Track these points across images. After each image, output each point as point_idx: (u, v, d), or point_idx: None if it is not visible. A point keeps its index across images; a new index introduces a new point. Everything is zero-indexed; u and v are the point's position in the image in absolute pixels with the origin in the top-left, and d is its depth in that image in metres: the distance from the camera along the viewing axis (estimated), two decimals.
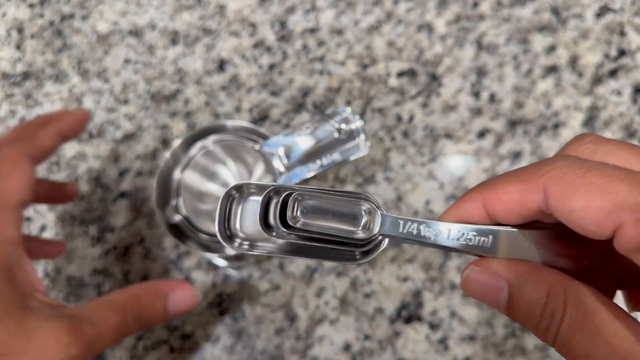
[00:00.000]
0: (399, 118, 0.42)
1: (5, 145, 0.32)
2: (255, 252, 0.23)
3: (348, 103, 0.43)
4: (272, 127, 0.43)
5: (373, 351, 0.39)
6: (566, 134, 0.41)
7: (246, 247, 0.23)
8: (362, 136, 0.36)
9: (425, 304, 0.39)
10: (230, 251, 0.36)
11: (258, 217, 0.22)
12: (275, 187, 0.23)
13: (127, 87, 0.44)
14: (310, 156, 0.36)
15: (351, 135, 0.36)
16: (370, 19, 0.44)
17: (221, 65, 0.44)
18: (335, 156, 0.36)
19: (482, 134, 0.41)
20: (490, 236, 0.23)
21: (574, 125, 0.41)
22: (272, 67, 0.44)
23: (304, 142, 0.36)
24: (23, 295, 0.29)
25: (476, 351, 0.38)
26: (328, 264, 0.40)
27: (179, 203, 0.36)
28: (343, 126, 0.36)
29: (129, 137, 0.44)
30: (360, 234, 0.23)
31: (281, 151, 0.36)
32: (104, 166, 0.43)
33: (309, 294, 0.40)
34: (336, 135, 0.36)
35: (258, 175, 0.37)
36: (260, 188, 0.24)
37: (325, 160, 0.36)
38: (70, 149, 0.44)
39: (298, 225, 0.23)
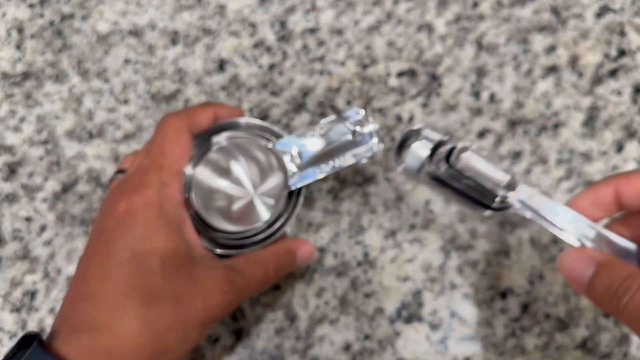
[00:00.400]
0: (399, 118, 0.42)
1: (171, 116, 0.36)
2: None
3: (348, 103, 0.43)
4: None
5: (373, 351, 0.39)
6: (566, 134, 0.41)
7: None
8: (375, 139, 0.36)
9: (425, 304, 0.39)
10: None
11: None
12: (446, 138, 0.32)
13: (127, 87, 0.44)
14: (322, 157, 0.36)
15: (364, 137, 0.36)
16: (370, 19, 0.44)
17: (221, 65, 0.44)
18: (348, 158, 0.36)
19: (482, 134, 0.41)
20: (594, 231, 0.29)
21: (574, 125, 0.41)
22: (272, 67, 0.44)
23: (316, 143, 0.37)
24: (190, 248, 0.33)
25: (476, 351, 0.38)
26: (328, 264, 0.40)
27: (191, 198, 0.36)
28: (357, 128, 0.36)
29: (129, 137, 0.44)
30: (497, 201, 0.30)
31: (295, 151, 0.36)
32: (104, 166, 0.44)
33: (309, 294, 0.40)
34: (349, 137, 0.36)
35: (270, 173, 0.37)
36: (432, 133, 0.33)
37: (338, 161, 0.36)
38: (70, 149, 0.44)
39: (458, 166, 0.30)
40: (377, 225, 0.41)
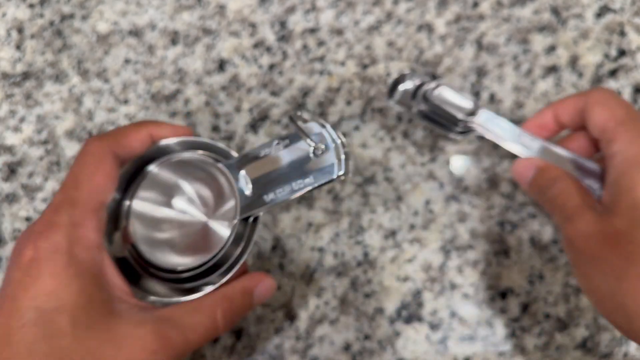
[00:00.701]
0: (399, 118, 0.42)
1: (93, 139, 0.31)
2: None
3: (348, 103, 0.43)
4: (272, 127, 0.43)
5: (373, 351, 0.39)
6: (566, 134, 0.41)
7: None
8: (342, 156, 0.30)
9: (425, 304, 0.39)
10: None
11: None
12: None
13: (127, 87, 0.44)
14: (278, 180, 0.31)
15: (328, 156, 0.30)
16: (370, 19, 0.44)
17: (221, 65, 0.44)
18: (308, 181, 0.31)
19: None
20: (538, 144, 0.35)
21: None
22: (272, 67, 0.44)
23: (271, 162, 0.31)
24: (111, 300, 0.29)
25: (476, 351, 0.38)
26: (328, 264, 0.40)
27: (130, 232, 0.32)
28: (320, 145, 0.30)
29: None
30: (460, 125, 0.37)
31: (247, 171, 0.32)
32: None
33: (309, 294, 0.40)
34: (311, 155, 0.31)
35: (223, 196, 0.32)
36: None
37: (296, 185, 0.31)
38: (70, 149, 0.44)
39: (433, 100, 0.36)
40: (377, 225, 0.41)
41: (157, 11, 0.46)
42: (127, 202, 0.33)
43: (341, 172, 0.30)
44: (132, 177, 0.33)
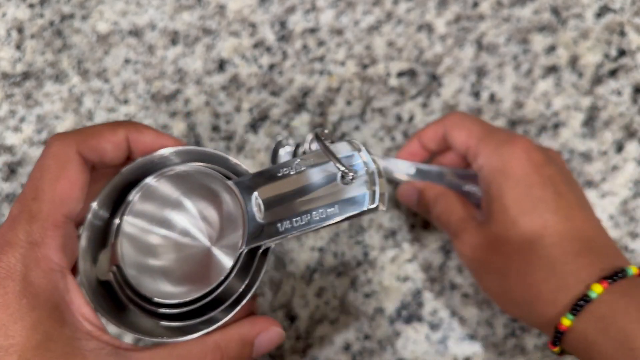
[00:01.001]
0: (399, 118, 0.42)
1: (57, 137, 0.26)
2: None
3: (348, 103, 0.43)
4: (272, 127, 0.43)
5: (373, 351, 0.39)
6: (566, 134, 0.41)
7: None
8: (377, 188, 0.25)
9: (425, 304, 0.39)
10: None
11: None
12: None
13: (127, 87, 0.44)
14: (297, 206, 0.26)
15: (358, 184, 0.25)
16: (370, 19, 0.44)
17: (221, 65, 0.44)
18: (332, 212, 0.25)
19: None
20: (414, 168, 0.38)
21: (574, 125, 0.41)
22: (272, 67, 0.44)
23: (290, 184, 0.27)
24: (74, 337, 0.24)
25: (476, 351, 0.38)
26: (328, 264, 0.40)
27: (117, 253, 0.27)
28: (350, 170, 0.25)
29: None
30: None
31: (260, 193, 0.27)
32: None
33: (309, 294, 0.40)
34: (339, 180, 0.26)
35: (226, 221, 0.27)
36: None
37: (317, 215, 0.26)
38: None
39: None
40: (377, 225, 0.41)
41: (157, 11, 0.46)
42: (116, 219, 0.28)
43: (373, 205, 0.25)
44: (124, 191, 0.29)
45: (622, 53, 0.42)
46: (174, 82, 0.44)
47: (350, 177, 0.25)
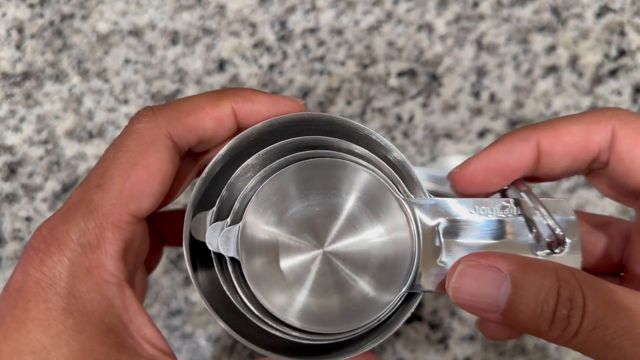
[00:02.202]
0: (399, 118, 0.42)
1: (143, 113, 0.21)
2: None
3: (348, 103, 0.43)
4: None
5: (373, 351, 0.39)
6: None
7: None
8: (578, 252, 0.21)
9: (425, 304, 0.39)
10: None
11: None
12: None
13: (127, 87, 0.44)
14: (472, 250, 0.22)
15: (555, 243, 0.21)
16: (370, 19, 0.44)
17: (221, 65, 0.44)
18: None
19: (482, 134, 0.41)
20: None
21: None
22: (272, 67, 0.44)
23: (481, 227, 0.21)
24: None
25: (476, 351, 0.38)
26: None
27: (241, 259, 0.21)
28: (547, 234, 0.21)
29: None
30: None
31: (444, 222, 0.22)
32: None
33: None
34: (531, 239, 0.22)
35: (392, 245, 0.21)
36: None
37: None
38: (70, 149, 0.44)
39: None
40: None
41: (157, 11, 0.46)
42: (252, 185, 0.22)
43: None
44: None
45: (622, 53, 0.42)
46: (174, 82, 0.44)
47: (553, 249, 0.21)
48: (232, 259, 0.21)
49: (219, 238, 0.21)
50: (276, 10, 0.45)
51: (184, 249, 0.21)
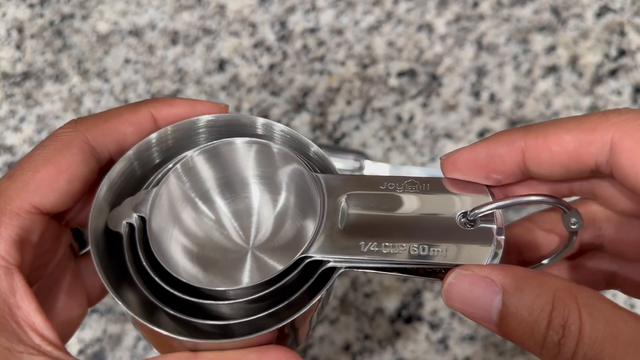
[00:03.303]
0: (399, 118, 0.42)
1: (68, 123, 0.22)
2: None
3: (348, 103, 0.43)
4: None
5: (373, 351, 0.39)
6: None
7: None
8: (501, 251, 0.20)
9: (425, 304, 0.39)
10: None
11: None
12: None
13: (127, 87, 0.44)
14: (393, 230, 0.21)
15: (481, 233, 0.20)
16: (370, 19, 0.44)
17: (221, 65, 0.44)
18: (438, 252, 0.20)
19: (482, 134, 0.41)
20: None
21: None
22: (272, 67, 0.44)
23: (391, 204, 0.21)
24: (13, 349, 0.19)
25: (476, 351, 0.38)
26: None
27: (149, 199, 0.22)
28: (474, 214, 0.20)
29: None
30: None
31: (354, 198, 0.22)
32: None
33: None
34: (458, 219, 0.21)
35: (297, 219, 0.22)
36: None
37: (418, 249, 0.20)
38: None
39: None
40: None
41: (157, 11, 0.46)
42: (163, 169, 0.23)
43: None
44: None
45: (622, 53, 0.42)
46: (174, 82, 0.44)
47: (473, 224, 0.20)
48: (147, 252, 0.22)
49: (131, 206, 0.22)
50: (276, 10, 0.45)
51: (89, 236, 0.21)
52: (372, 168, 0.40)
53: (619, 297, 0.36)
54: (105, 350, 0.39)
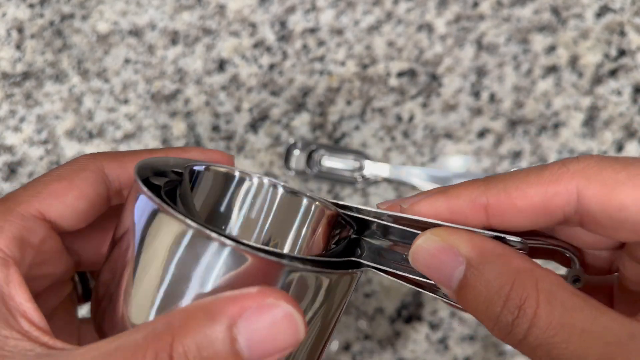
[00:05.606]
0: (399, 118, 0.42)
1: (88, 154, 0.25)
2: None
3: (348, 103, 0.43)
4: (272, 127, 0.43)
5: (373, 351, 0.39)
6: (566, 134, 0.41)
7: None
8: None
9: (425, 304, 0.39)
10: None
11: None
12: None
13: (127, 87, 0.44)
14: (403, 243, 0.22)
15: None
16: (370, 19, 0.44)
17: (221, 65, 0.44)
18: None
19: (482, 134, 0.41)
20: None
21: (574, 125, 0.41)
22: (272, 67, 0.44)
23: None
24: (4, 340, 0.19)
25: (476, 351, 0.38)
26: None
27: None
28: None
29: (129, 137, 0.44)
30: None
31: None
32: None
33: None
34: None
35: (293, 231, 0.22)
36: None
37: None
38: (70, 149, 0.44)
39: None
40: None
41: (157, 11, 0.46)
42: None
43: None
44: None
45: (622, 53, 0.42)
46: (174, 82, 0.44)
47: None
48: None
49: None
50: (276, 10, 0.45)
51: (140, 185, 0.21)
52: (372, 168, 0.40)
53: None
54: None
